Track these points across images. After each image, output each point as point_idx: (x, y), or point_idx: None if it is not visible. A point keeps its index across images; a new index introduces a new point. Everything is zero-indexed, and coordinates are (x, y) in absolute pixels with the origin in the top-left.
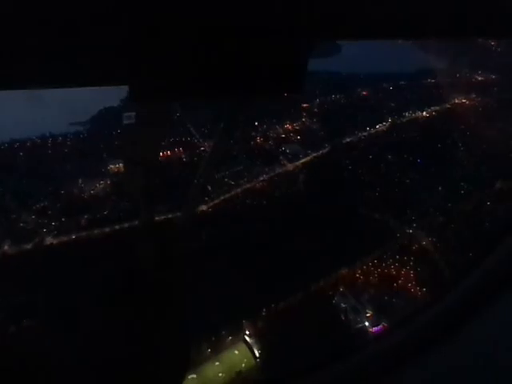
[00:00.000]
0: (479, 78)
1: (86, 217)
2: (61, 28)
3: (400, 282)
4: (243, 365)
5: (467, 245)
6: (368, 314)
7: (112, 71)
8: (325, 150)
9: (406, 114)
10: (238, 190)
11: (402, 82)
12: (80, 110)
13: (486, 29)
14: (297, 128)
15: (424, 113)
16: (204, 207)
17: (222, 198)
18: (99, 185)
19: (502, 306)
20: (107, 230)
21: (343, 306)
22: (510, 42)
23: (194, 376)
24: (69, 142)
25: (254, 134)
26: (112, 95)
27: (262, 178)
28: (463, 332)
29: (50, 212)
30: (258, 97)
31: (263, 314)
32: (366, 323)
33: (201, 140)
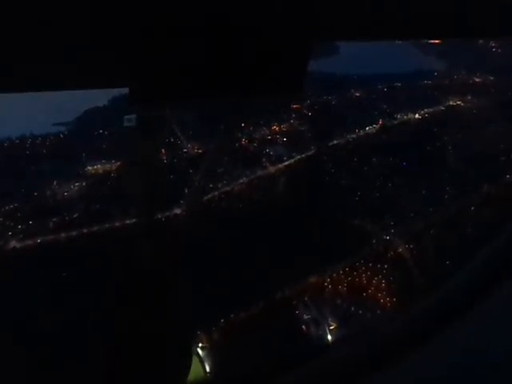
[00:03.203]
0: (476, 80)
1: (55, 219)
2: (61, 31)
3: (370, 292)
4: (191, 379)
5: (446, 253)
6: (331, 327)
7: (112, 74)
8: (309, 153)
9: (398, 117)
10: (215, 193)
11: (397, 84)
12: (63, 111)
13: (485, 29)
14: (284, 129)
15: (415, 115)
16: (178, 210)
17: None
18: (74, 186)
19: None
20: (76, 233)
21: (305, 317)
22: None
23: None
24: (48, 143)
25: (238, 134)
26: (96, 96)
27: (240, 181)
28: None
29: (19, 214)
30: (257, 97)
31: (219, 324)
32: (329, 336)
33: (185, 142)
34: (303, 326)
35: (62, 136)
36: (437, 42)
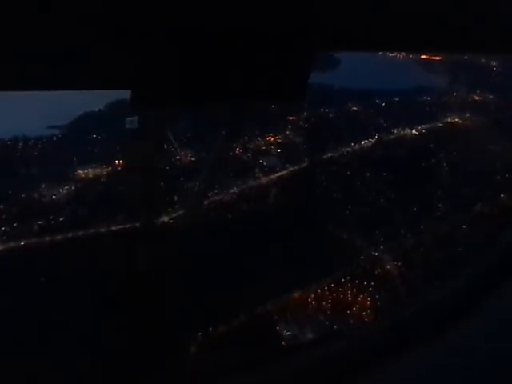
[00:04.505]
0: (475, 98)
1: (41, 222)
2: (63, 29)
3: (354, 309)
4: None
5: (435, 272)
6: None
7: (114, 75)
8: (302, 165)
9: (394, 132)
10: (205, 202)
11: (396, 99)
12: (58, 115)
13: (486, 43)
14: (279, 141)
15: (412, 131)
16: (166, 219)
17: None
18: (63, 190)
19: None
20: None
21: (285, 334)
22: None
23: None
24: (40, 146)
25: (236, 142)
26: (91, 100)
27: (231, 191)
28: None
29: (4, 216)
30: (260, 102)
31: (196, 337)
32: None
33: (178, 149)
34: (282, 343)
35: (54, 139)
36: (438, 58)
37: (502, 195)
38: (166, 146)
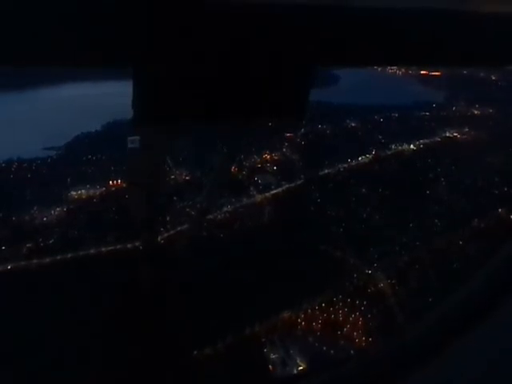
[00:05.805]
0: (474, 112)
1: (30, 244)
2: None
3: (346, 329)
4: None
5: (430, 290)
6: (300, 367)
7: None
8: (298, 182)
9: (392, 147)
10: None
11: (395, 115)
12: (54, 136)
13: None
14: (275, 158)
15: (410, 146)
16: (160, 238)
17: (179, 228)
18: (55, 212)
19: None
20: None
21: (273, 356)
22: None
23: None
24: (34, 167)
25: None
26: (87, 122)
27: (224, 209)
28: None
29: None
30: (260, 120)
31: (182, 362)
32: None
33: (174, 169)
34: (270, 366)
35: (49, 161)
36: (437, 74)
37: (500, 209)
38: (163, 166)
